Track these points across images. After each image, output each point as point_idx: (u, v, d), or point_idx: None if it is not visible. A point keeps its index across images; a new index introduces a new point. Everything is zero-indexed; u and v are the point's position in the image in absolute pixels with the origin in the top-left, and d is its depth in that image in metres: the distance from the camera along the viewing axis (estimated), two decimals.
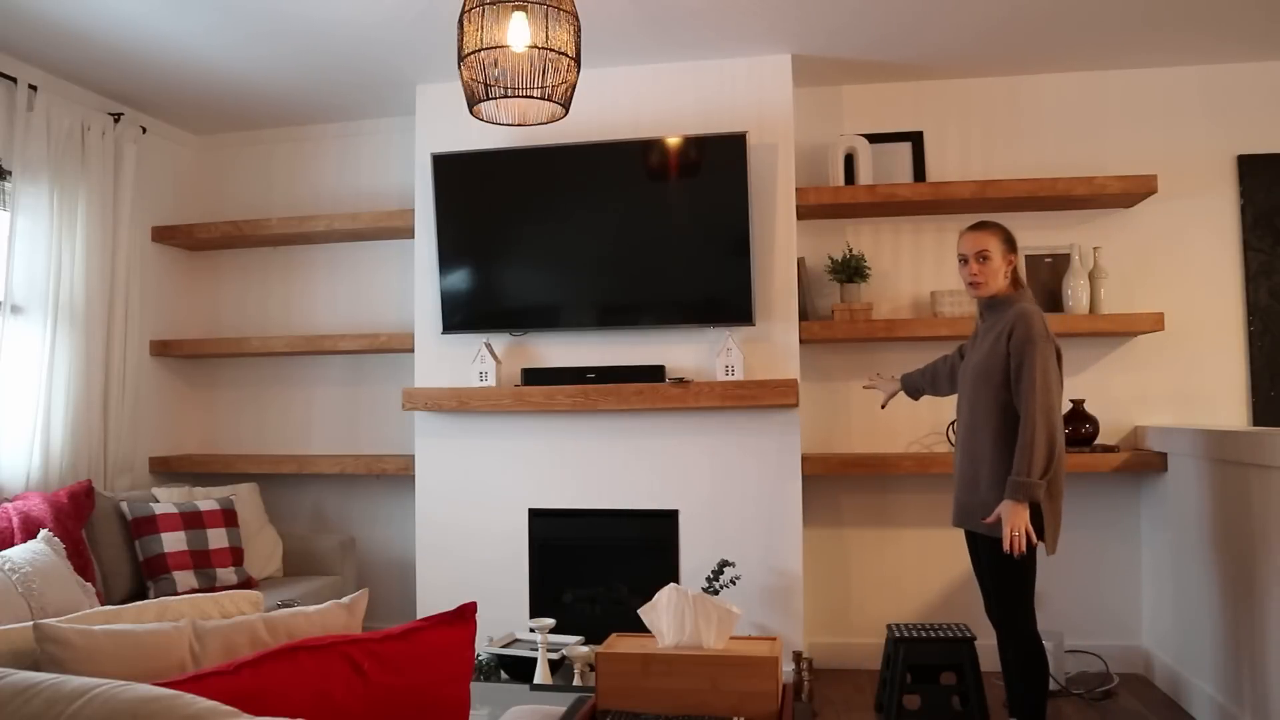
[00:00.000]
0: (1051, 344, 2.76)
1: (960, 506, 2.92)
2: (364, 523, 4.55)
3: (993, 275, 2.88)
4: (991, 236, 2.90)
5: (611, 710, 1.76)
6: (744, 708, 1.73)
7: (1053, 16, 3.51)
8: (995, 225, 2.94)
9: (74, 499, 3.38)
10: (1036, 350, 2.71)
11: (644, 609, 1.89)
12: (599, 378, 3.85)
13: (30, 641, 1.36)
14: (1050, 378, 2.71)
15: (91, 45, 3.62)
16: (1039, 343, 2.72)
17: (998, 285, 2.89)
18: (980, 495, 2.80)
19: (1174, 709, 3.45)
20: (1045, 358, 2.71)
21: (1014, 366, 2.74)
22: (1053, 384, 2.72)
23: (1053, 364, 2.74)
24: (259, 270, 4.73)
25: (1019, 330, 2.75)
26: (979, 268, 2.89)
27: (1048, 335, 2.75)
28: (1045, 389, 2.68)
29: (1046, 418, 2.67)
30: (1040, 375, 2.69)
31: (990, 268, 2.88)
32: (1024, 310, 2.79)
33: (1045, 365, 2.70)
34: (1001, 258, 2.88)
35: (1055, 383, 2.73)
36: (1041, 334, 2.74)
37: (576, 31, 2.28)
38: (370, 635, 1.44)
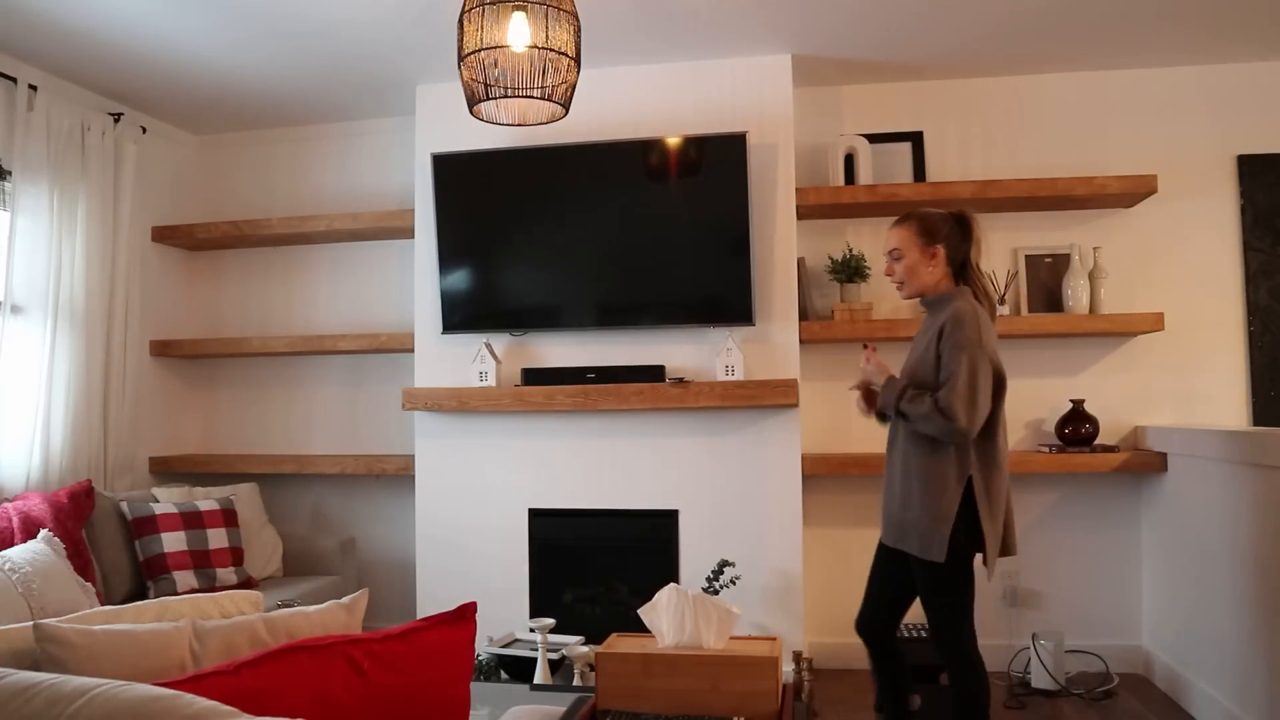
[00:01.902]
0: (983, 351, 2.49)
1: (894, 524, 2.64)
2: (364, 523, 4.55)
3: (911, 273, 2.65)
4: (903, 231, 2.67)
5: (611, 710, 1.76)
6: (744, 708, 1.73)
7: (1053, 16, 3.51)
8: (910, 218, 2.68)
9: (74, 499, 3.38)
10: (964, 356, 2.46)
11: (644, 609, 1.89)
12: (599, 378, 3.85)
13: (30, 641, 1.36)
14: (978, 382, 2.46)
15: (91, 45, 3.62)
16: (968, 349, 2.46)
17: (923, 282, 2.64)
18: (914, 512, 2.54)
19: (1174, 709, 3.45)
20: (974, 362, 2.46)
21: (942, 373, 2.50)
22: (980, 389, 2.46)
23: (984, 371, 2.48)
24: (259, 270, 4.73)
25: (948, 333, 2.51)
26: (894, 266, 2.69)
27: (978, 341, 2.49)
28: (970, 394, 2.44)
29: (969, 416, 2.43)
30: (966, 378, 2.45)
31: (906, 265, 2.65)
32: (957, 311, 2.52)
33: (973, 371, 2.46)
34: (919, 252, 2.63)
35: (983, 389, 2.48)
36: (972, 340, 2.48)
37: (576, 31, 2.28)
38: (370, 635, 1.44)
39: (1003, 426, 2.59)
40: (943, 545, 2.47)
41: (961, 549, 2.50)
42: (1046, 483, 3.99)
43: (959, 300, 2.57)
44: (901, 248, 2.67)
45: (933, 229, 2.64)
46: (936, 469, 2.52)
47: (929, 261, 2.63)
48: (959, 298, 2.59)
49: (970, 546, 2.51)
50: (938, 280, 2.65)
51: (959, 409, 2.43)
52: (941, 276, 2.65)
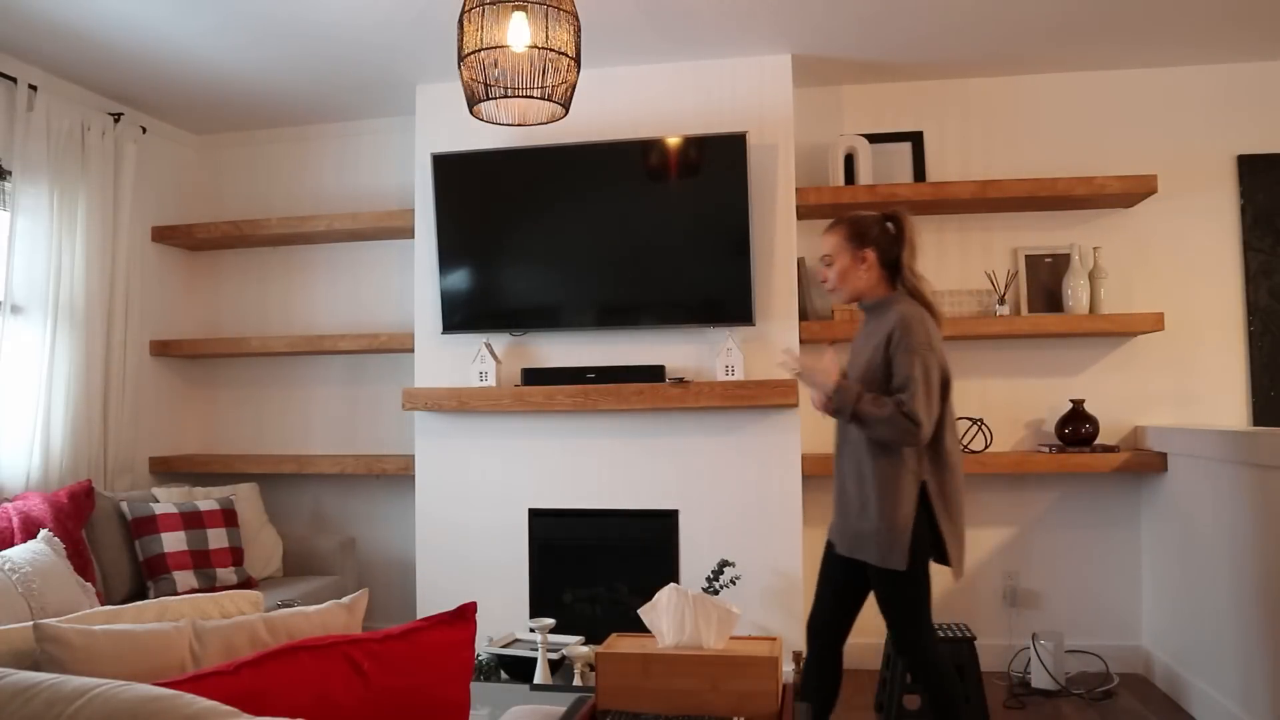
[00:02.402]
0: (935, 354, 2.48)
1: (849, 534, 2.61)
2: (364, 523, 4.55)
3: (843, 277, 2.63)
4: (832, 236, 2.65)
5: (611, 710, 1.76)
6: (744, 708, 1.73)
7: (1053, 16, 3.51)
8: (841, 222, 2.66)
9: (74, 499, 3.38)
10: (918, 359, 2.45)
11: (644, 609, 1.89)
12: (599, 378, 3.85)
13: (30, 641, 1.36)
14: (933, 385, 2.45)
15: (91, 45, 3.62)
16: (920, 352, 2.45)
17: (857, 286, 2.63)
18: (871, 522, 2.52)
19: (1174, 709, 3.45)
20: (928, 365, 2.45)
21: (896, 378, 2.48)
22: (934, 392, 2.46)
23: (935, 377, 2.47)
24: (259, 270, 4.73)
25: (898, 338, 2.48)
26: (826, 272, 2.67)
27: (929, 344, 2.48)
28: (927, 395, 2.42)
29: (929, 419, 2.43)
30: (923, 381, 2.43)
31: (838, 270, 2.63)
32: (903, 316, 2.51)
33: (928, 374, 2.45)
34: (850, 256, 2.61)
35: (936, 395, 2.47)
36: (923, 343, 2.47)
37: (576, 31, 2.28)
38: (370, 635, 1.44)
39: (951, 428, 2.57)
40: (903, 553, 2.47)
41: (919, 554, 2.50)
42: (1046, 483, 4.00)
43: (902, 304, 2.56)
44: (833, 253, 2.66)
45: (863, 232, 2.62)
46: (892, 475, 2.49)
47: (860, 265, 2.61)
48: (900, 301, 2.57)
49: (927, 551, 2.51)
50: (872, 284, 2.63)
51: (920, 412, 2.42)
52: (876, 280, 2.63)
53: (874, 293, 2.64)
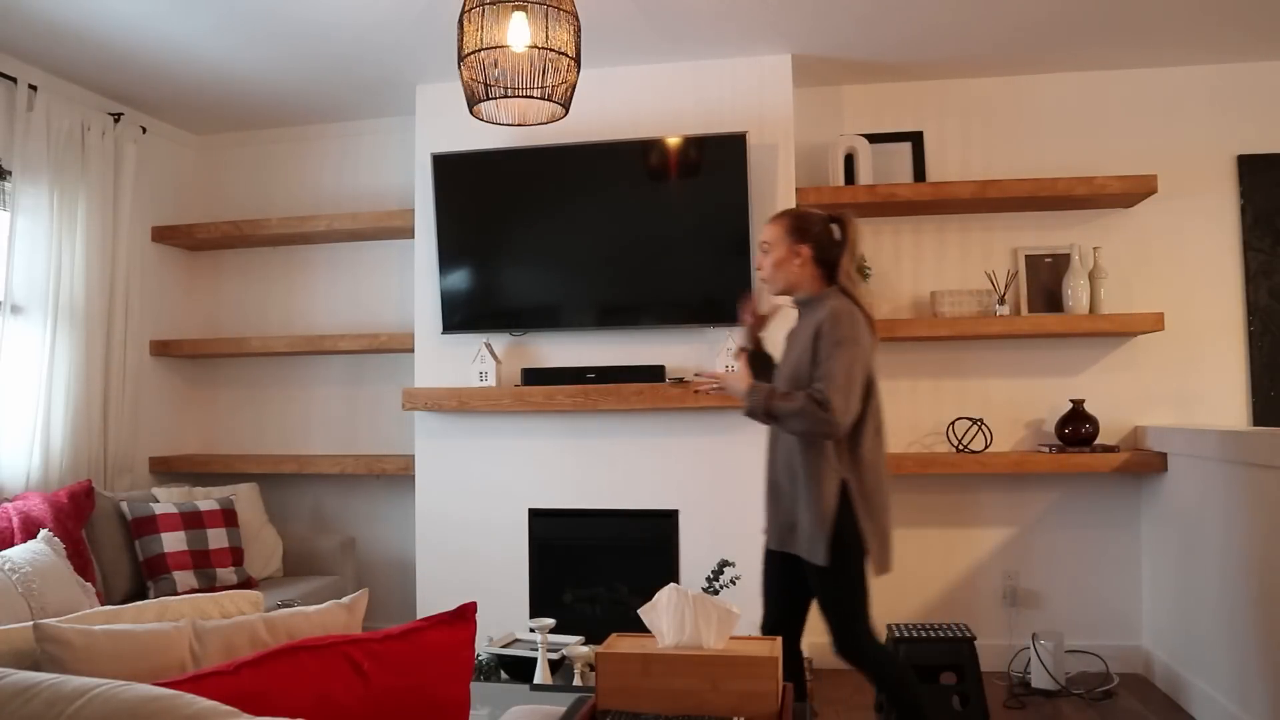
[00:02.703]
0: (860, 350, 2.47)
1: (783, 528, 2.64)
2: (364, 523, 4.55)
3: (776, 268, 2.62)
4: (774, 225, 2.64)
5: (611, 710, 1.76)
6: (744, 708, 1.72)
7: (1053, 17, 3.51)
8: (785, 214, 2.66)
9: (74, 499, 3.38)
10: (841, 352, 2.43)
11: (644, 609, 1.89)
12: (599, 378, 3.85)
13: (30, 641, 1.36)
14: (854, 378, 2.44)
15: (91, 45, 3.62)
16: (845, 345, 2.44)
17: (787, 279, 2.62)
18: (798, 516, 2.55)
19: (1174, 709, 3.45)
20: (852, 359, 2.44)
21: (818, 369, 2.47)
22: (855, 386, 2.44)
23: (860, 369, 2.46)
24: (259, 270, 4.73)
25: (826, 330, 2.47)
26: (761, 259, 2.66)
27: (856, 339, 2.46)
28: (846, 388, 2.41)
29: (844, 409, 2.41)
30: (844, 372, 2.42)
31: (772, 259, 2.62)
32: (833, 310, 2.49)
33: (850, 367, 2.43)
34: (787, 249, 2.60)
35: (858, 387, 2.46)
36: (849, 337, 2.45)
37: (576, 31, 2.28)
38: (370, 635, 1.44)
39: (875, 428, 2.57)
40: (825, 548, 2.48)
41: (846, 550, 2.50)
42: (1046, 483, 4.00)
43: (834, 300, 2.55)
44: (771, 242, 2.66)
45: (803, 227, 2.62)
46: (816, 472, 2.51)
47: (794, 259, 2.61)
48: (833, 297, 2.56)
49: (853, 549, 2.51)
50: (804, 279, 2.62)
51: (836, 400, 2.41)
52: (809, 276, 2.62)
53: (806, 288, 2.64)
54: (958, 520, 4.04)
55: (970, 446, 3.93)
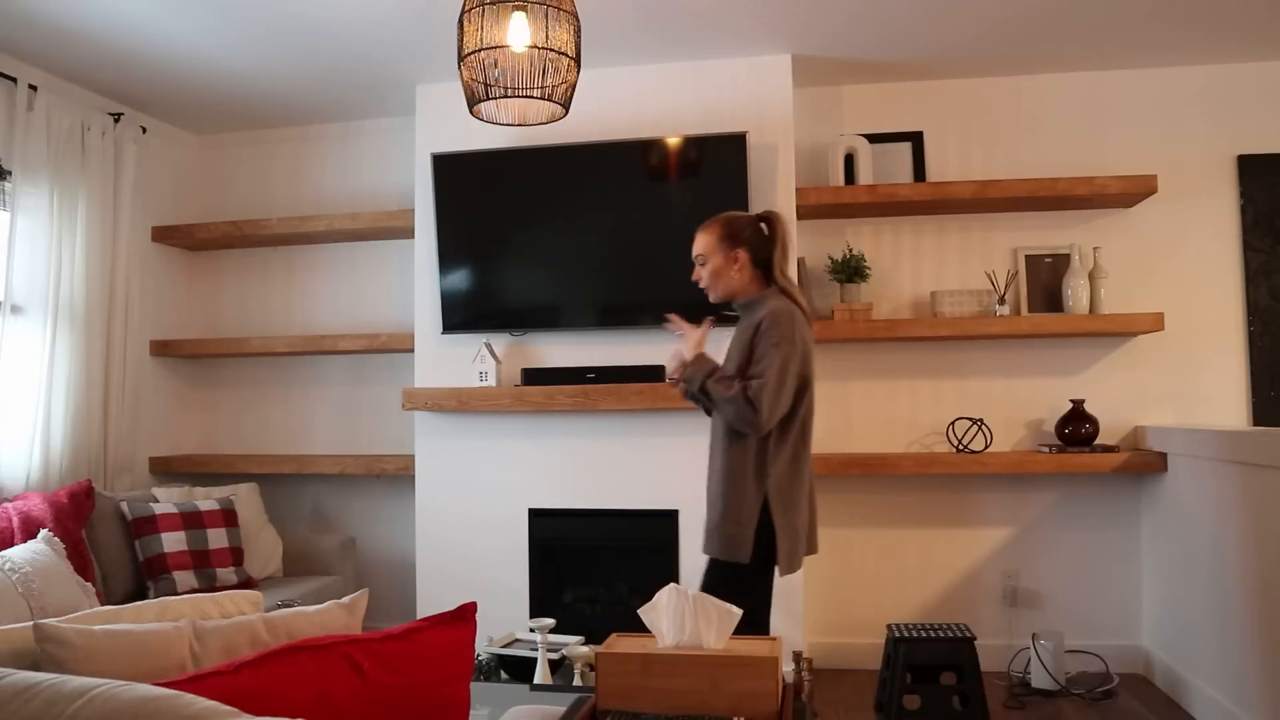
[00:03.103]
0: (796, 350, 2.47)
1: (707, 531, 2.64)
2: (364, 523, 4.55)
3: (715, 277, 2.63)
4: (704, 235, 2.64)
5: (611, 710, 1.76)
6: (744, 708, 1.72)
7: (1053, 16, 3.51)
8: (714, 222, 2.65)
9: (74, 499, 3.38)
10: (778, 352, 2.44)
11: (644, 609, 1.89)
12: (599, 378, 3.85)
13: (30, 641, 1.36)
14: (786, 379, 2.45)
15: (91, 45, 3.62)
16: (782, 345, 2.45)
17: (729, 286, 2.63)
18: (718, 513, 2.57)
19: (1174, 709, 3.45)
20: (786, 359, 2.45)
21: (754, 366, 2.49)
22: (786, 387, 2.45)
23: (793, 370, 2.47)
24: (259, 270, 4.73)
25: (764, 329, 2.48)
26: (699, 271, 2.66)
27: (792, 340, 2.47)
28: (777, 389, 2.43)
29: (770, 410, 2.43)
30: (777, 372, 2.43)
31: (710, 269, 2.63)
32: (775, 310, 2.51)
33: (784, 368, 2.44)
34: (723, 256, 2.61)
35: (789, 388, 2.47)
36: (786, 337, 2.46)
37: (576, 31, 2.28)
38: (370, 635, 1.44)
39: (801, 429, 2.56)
40: (748, 546, 2.49)
41: (759, 551, 2.50)
42: (1046, 483, 4.00)
43: (773, 300, 2.56)
44: (705, 253, 2.66)
45: (735, 232, 2.62)
46: (738, 469, 2.52)
47: (732, 265, 2.62)
48: (772, 298, 2.57)
49: (767, 548, 2.51)
50: (745, 283, 2.63)
51: (765, 400, 2.43)
52: (749, 279, 2.63)
53: (746, 292, 2.64)
54: (958, 520, 4.04)
55: (970, 446, 3.93)
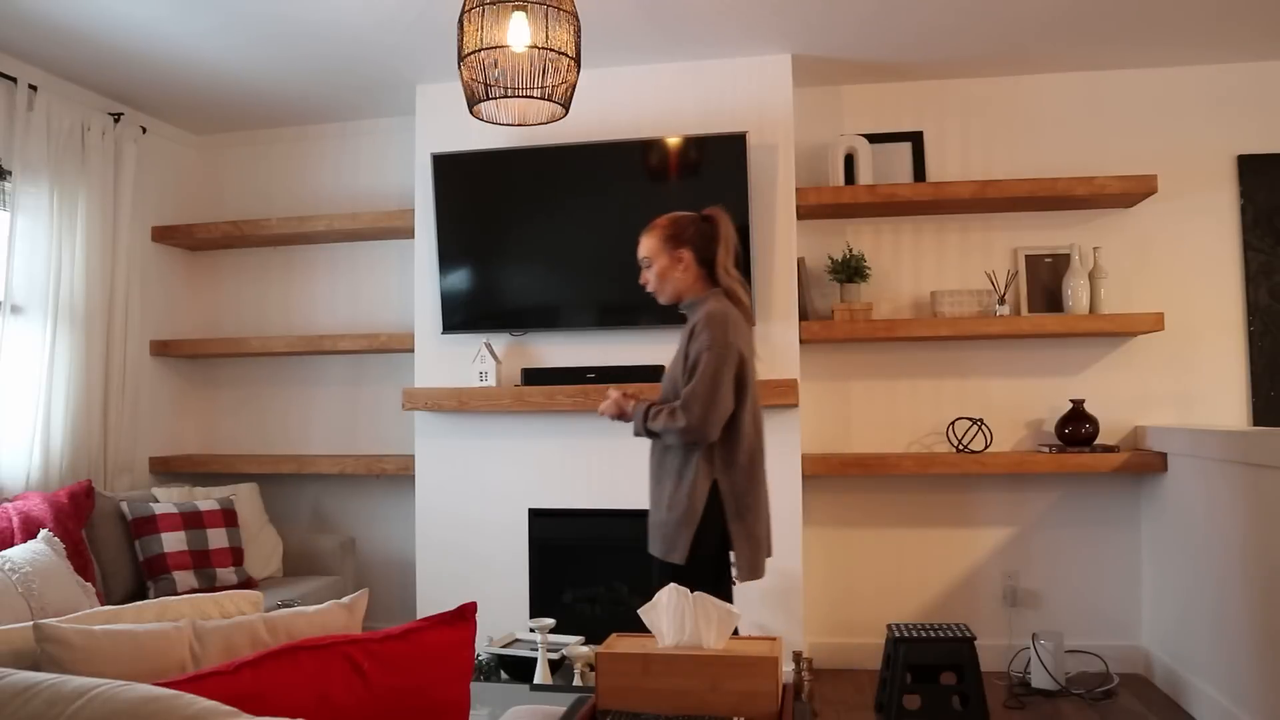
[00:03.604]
0: (729, 352, 2.47)
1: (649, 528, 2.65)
2: (364, 523, 4.55)
3: (662, 279, 2.64)
4: (649, 238, 2.65)
5: (611, 710, 1.76)
6: (744, 708, 1.72)
7: (1053, 16, 3.51)
8: (655, 225, 2.66)
9: (74, 499, 3.38)
10: (707, 357, 2.44)
11: (644, 609, 1.89)
12: (599, 378, 3.85)
13: (30, 641, 1.36)
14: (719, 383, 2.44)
15: (91, 45, 3.62)
16: (712, 349, 2.45)
17: (676, 288, 2.63)
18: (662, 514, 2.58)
19: (1174, 709, 3.45)
20: (717, 364, 2.44)
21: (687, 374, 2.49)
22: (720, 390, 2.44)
23: (726, 373, 2.46)
24: (259, 270, 4.73)
25: (696, 333, 2.50)
26: (646, 275, 2.68)
27: (725, 342, 2.47)
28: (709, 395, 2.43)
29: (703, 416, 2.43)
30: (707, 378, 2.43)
31: (656, 271, 2.64)
32: (709, 312, 2.52)
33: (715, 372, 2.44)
34: (668, 258, 2.61)
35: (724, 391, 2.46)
36: (717, 340, 2.46)
37: (576, 31, 2.28)
38: (370, 635, 1.44)
39: (750, 429, 2.55)
40: (685, 547, 2.48)
41: (704, 553, 2.48)
42: (1046, 483, 4.00)
43: (711, 302, 2.57)
44: (650, 255, 2.67)
45: (677, 233, 2.63)
46: (685, 471, 2.52)
47: (677, 266, 2.62)
48: (711, 299, 2.58)
49: (714, 553, 2.49)
50: (690, 284, 2.63)
51: (694, 408, 2.44)
52: (694, 280, 2.63)
53: (692, 292, 2.64)
54: (958, 520, 4.04)
55: (970, 446, 3.93)
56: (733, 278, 2.62)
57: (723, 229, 2.64)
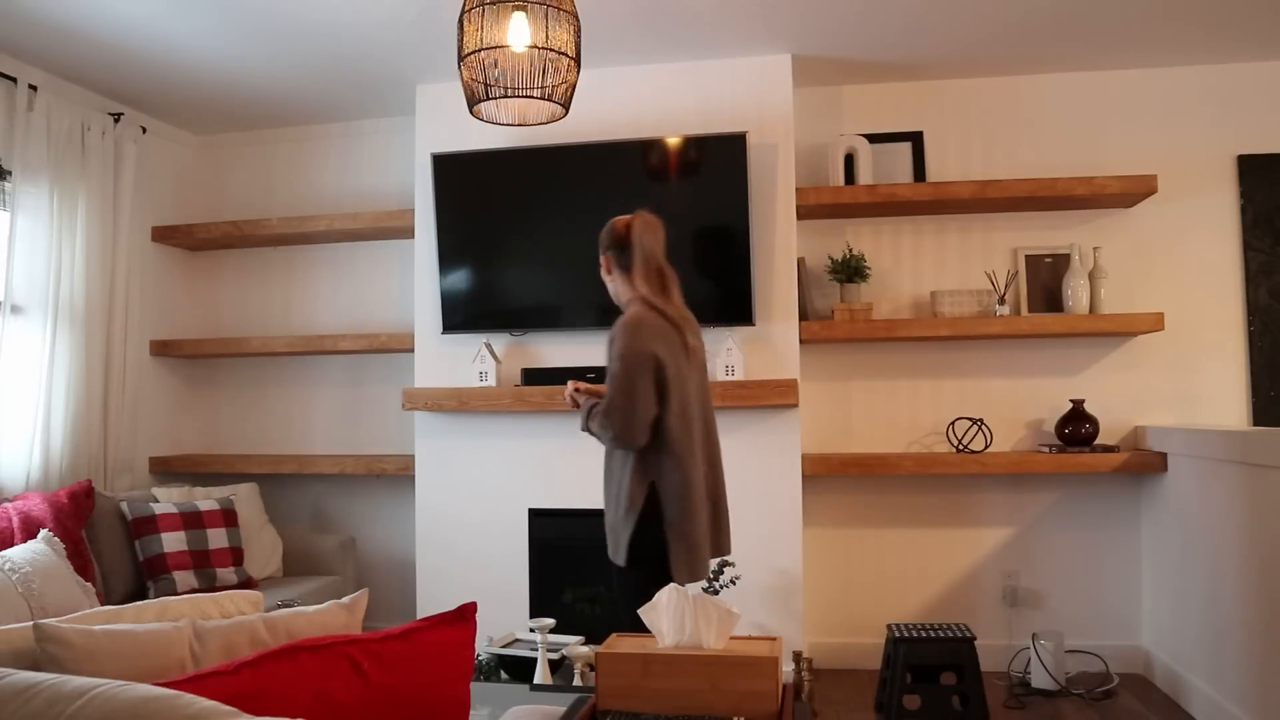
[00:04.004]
0: (637, 357, 2.46)
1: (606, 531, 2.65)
2: (364, 523, 4.55)
3: (610, 284, 2.68)
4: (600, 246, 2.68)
5: (611, 710, 1.76)
6: (744, 708, 1.72)
7: (1053, 17, 3.51)
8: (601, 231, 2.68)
9: (74, 499, 3.38)
10: (615, 365, 2.47)
11: (644, 609, 1.89)
12: (599, 378, 3.83)
13: (30, 641, 1.36)
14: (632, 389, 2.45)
15: (91, 45, 3.62)
16: (620, 358, 2.46)
17: (613, 292, 2.68)
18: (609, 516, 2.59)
19: (1174, 709, 3.45)
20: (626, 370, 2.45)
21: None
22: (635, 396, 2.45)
23: (639, 377, 2.46)
24: (259, 270, 4.73)
25: (611, 341, 2.51)
26: (604, 278, 2.71)
27: (631, 347, 2.46)
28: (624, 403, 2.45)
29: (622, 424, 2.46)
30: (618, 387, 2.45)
31: (605, 277, 2.69)
32: (622, 320, 2.52)
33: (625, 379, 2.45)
34: (601, 263, 2.67)
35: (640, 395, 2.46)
36: (625, 346, 2.46)
37: (576, 31, 2.28)
38: (370, 635, 1.44)
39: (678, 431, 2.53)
40: (625, 548, 2.50)
41: (645, 554, 2.49)
42: (1046, 483, 4.00)
43: (631, 307, 2.58)
44: (602, 260, 2.71)
45: (603, 239, 2.67)
46: (624, 474, 2.54)
47: (606, 271, 2.68)
48: (632, 305, 2.59)
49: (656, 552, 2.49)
50: (619, 289, 2.66)
51: (614, 416, 2.48)
52: (621, 284, 2.65)
53: (620, 297, 2.67)
54: (958, 520, 4.04)
55: (970, 446, 3.93)
56: (648, 282, 2.59)
57: (634, 234, 2.61)
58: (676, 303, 2.65)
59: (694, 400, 2.60)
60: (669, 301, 2.62)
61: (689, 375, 2.60)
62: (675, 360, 2.54)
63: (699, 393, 2.65)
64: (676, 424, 2.52)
